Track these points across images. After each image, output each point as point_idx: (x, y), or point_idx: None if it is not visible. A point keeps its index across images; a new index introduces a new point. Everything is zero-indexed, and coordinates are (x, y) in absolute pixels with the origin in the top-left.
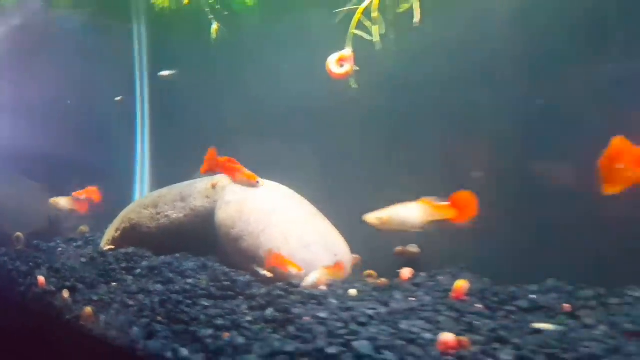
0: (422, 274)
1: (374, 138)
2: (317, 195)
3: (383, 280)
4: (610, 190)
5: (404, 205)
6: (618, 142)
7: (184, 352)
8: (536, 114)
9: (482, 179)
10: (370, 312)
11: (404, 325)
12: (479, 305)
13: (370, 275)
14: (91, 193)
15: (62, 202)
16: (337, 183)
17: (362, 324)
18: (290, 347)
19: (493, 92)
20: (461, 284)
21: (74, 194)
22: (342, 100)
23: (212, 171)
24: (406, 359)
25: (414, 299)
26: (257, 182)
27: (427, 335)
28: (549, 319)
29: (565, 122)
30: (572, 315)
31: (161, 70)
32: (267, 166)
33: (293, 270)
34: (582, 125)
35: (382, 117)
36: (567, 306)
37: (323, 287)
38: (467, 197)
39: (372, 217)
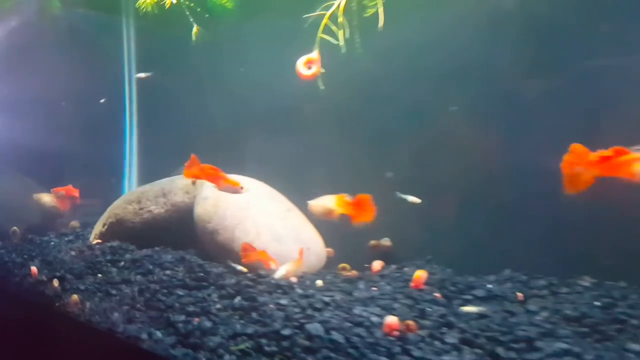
0: (392, 266)
1: (343, 136)
2: (295, 191)
3: (354, 272)
4: (571, 191)
5: (327, 197)
6: (576, 147)
7: (158, 334)
8: (494, 114)
9: (394, 179)
10: (327, 299)
11: (357, 310)
12: (436, 294)
13: (344, 268)
14: (71, 190)
15: (45, 198)
16: (313, 178)
17: (317, 310)
18: (250, 329)
19: (441, 94)
20: (419, 274)
21: (54, 190)
22: (313, 99)
23: (194, 177)
24: (351, 338)
25: (375, 288)
26: (241, 188)
27: (375, 319)
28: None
29: (521, 122)
30: (522, 302)
31: (148, 71)
32: (244, 162)
33: (273, 266)
34: (535, 125)
35: (349, 117)
36: (520, 295)
37: (294, 279)
38: (367, 200)
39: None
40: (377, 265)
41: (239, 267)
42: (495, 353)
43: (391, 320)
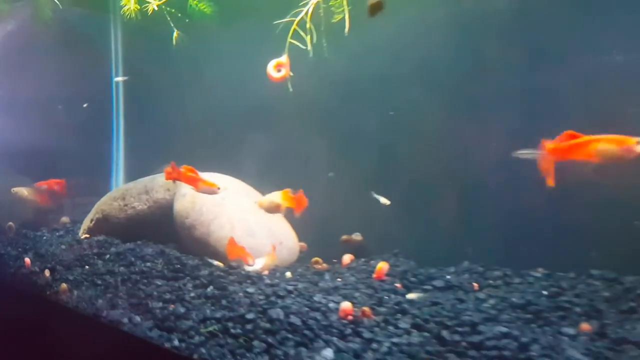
0: (362, 260)
1: (314, 134)
2: (271, 188)
3: (325, 265)
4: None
5: (275, 193)
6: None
7: (138, 319)
8: (455, 114)
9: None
10: (290, 288)
11: (317, 298)
12: (397, 284)
13: (316, 262)
14: (53, 184)
15: (24, 192)
16: (288, 176)
17: (280, 297)
18: (219, 314)
19: (406, 95)
20: (381, 266)
21: (36, 184)
22: (285, 100)
23: (174, 180)
24: (308, 321)
25: (340, 279)
26: (218, 188)
27: (333, 305)
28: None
29: (479, 122)
30: (476, 291)
31: (134, 72)
32: (221, 160)
33: (250, 261)
34: (491, 125)
35: (320, 117)
36: (475, 285)
37: (265, 272)
38: (301, 195)
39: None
40: (346, 258)
41: (215, 262)
42: (441, 336)
43: (346, 305)
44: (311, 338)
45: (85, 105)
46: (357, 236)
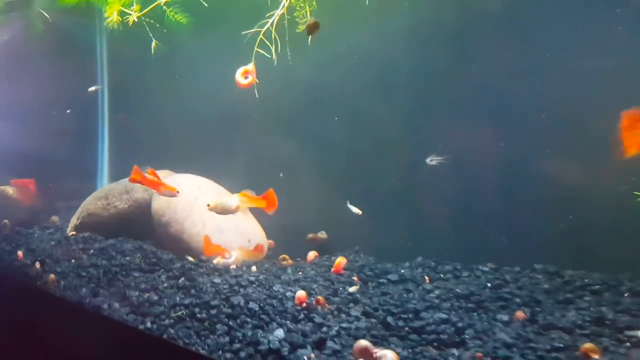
0: (325, 256)
1: (283, 138)
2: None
3: (291, 261)
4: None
5: (229, 196)
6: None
7: (116, 305)
8: (414, 118)
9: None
10: (252, 279)
11: (276, 288)
12: (355, 278)
13: (284, 259)
14: (28, 183)
15: (9, 190)
16: (260, 178)
17: (243, 287)
18: (187, 301)
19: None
20: (339, 261)
21: (12, 181)
22: (256, 106)
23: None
24: (265, 307)
25: (301, 273)
26: (177, 192)
27: (289, 294)
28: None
29: (436, 125)
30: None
31: (122, 78)
32: (197, 161)
33: (227, 255)
34: (448, 128)
35: (290, 122)
36: (427, 278)
37: (234, 266)
38: (272, 194)
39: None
40: (311, 255)
41: (189, 258)
42: (386, 322)
43: (300, 294)
44: (267, 321)
45: (68, 111)
46: (322, 234)
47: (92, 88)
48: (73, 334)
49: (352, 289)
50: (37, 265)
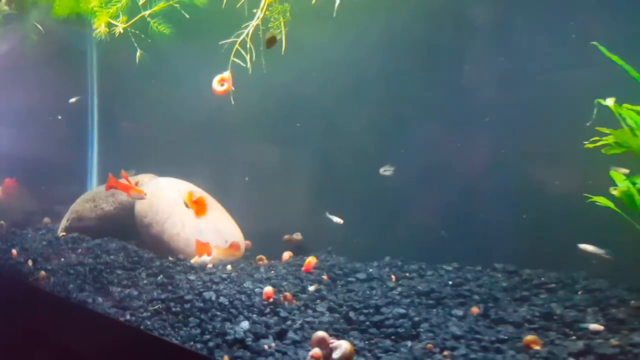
0: (300, 256)
1: (260, 143)
2: (225, 193)
3: (266, 261)
4: None
5: None
6: None
7: (100, 300)
8: (383, 124)
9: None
10: (225, 276)
11: (246, 284)
12: (324, 276)
13: (260, 259)
14: (7, 183)
15: None
16: (239, 182)
17: (215, 283)
18: (164, 296)
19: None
20: (309, 260)
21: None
22: (235, 113)
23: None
24: (234, 302)
25: (273, 271)
26: (145, 194)
27: (258, 290)
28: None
29: (405, 129)
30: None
31: (111, 85)
32: (180, 165)
33: (213, 252)
34: (415, 132)
35: (264, 127)
36: (393, 277)
37: (210, 265)
38: (200, 200)
39: None
40: (286, 255)
41: (170, 258)
42: (349, 316)
43: (268, 289)
44: (235, 315)
45: (59, 117)
46: (297, 236)
47: (73, 99)
48: (61, 326)
49: (311, 288)
50: (30, 263)
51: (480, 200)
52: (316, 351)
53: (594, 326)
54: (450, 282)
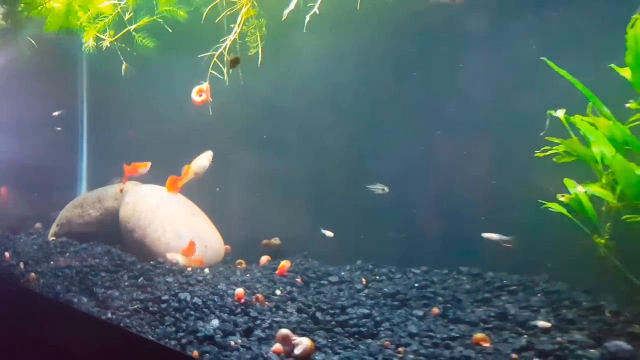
0: (277, 260)
1: (241, 152)
2: (208, 199)
3: (245, 265)
4: None
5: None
6: None
7: (84, 299)
8: (353, 136)
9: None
10: (200, 278)
11: (220, 286)
12: (298, 279)
13: (240, 263)
14: (2, 192)
15: None
16: (221, 189)
17: (191, 285)
18: (142, 296)
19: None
20: (283, 264)
21: None
22: (214, 122)
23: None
24: (207, 302)
25: (249, 275)
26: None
27: (231, 292)
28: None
29: (370, 138)
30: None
31: (100, 95)
32: (166, 171)
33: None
34: (397, 142)
35: (245, 137)
36: (364, 280)
37: (189, 269)
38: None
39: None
40: (263, 259)
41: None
42: (315, 316)
43: (239, 291)
44: (207, 314)
45: (58, 128)
46: (275, 240)
47: (56, 113)
48: (48, 324)
49: (278, 292)
50: (21, 265)
51: (447, 206)
52: (277, 346)
53: (542, 323)
54: (417, 285)
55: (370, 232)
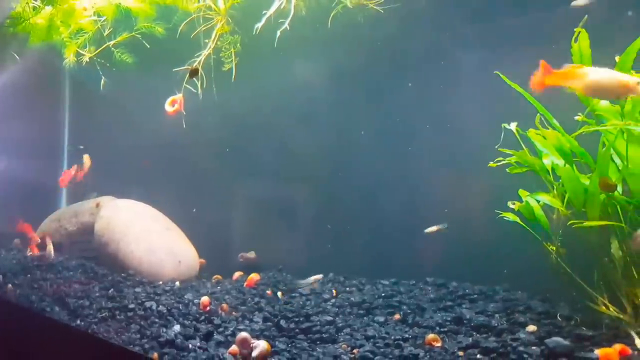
0: (253, 273)
1: (216, 168)
2: (185, 215)
3: (219, 278)
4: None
5: None
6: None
7: (57, 309)
8: (333, 149)
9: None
10: (167, 288)
11: (187, 296)
12: (268, 292)
13: (216, 278)
14: None
15: None
16: (198, 204)
17: (158, 294)
18: (110, 304)
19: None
20: (251, 277)
21: None
22: (191, 137)
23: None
24: (172, 310)
25: (219, 287)
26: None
27: (197, 301)
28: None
29: (357, 156)
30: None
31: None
32: (142, 187)
33: None
34: (373, 157)
35: (220, 152)
36: (335, 291)
37: (160, 282)
38: None
39: None
40: (236, 275)
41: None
42: (279, 324)
43: (204, 299)
44: (171, 321)
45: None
46: (251, 254)
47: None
48: (22, 330)
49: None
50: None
51: (417, 219)
52: (234, 348)
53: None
54: (383, 294)
55: (341, 244)
